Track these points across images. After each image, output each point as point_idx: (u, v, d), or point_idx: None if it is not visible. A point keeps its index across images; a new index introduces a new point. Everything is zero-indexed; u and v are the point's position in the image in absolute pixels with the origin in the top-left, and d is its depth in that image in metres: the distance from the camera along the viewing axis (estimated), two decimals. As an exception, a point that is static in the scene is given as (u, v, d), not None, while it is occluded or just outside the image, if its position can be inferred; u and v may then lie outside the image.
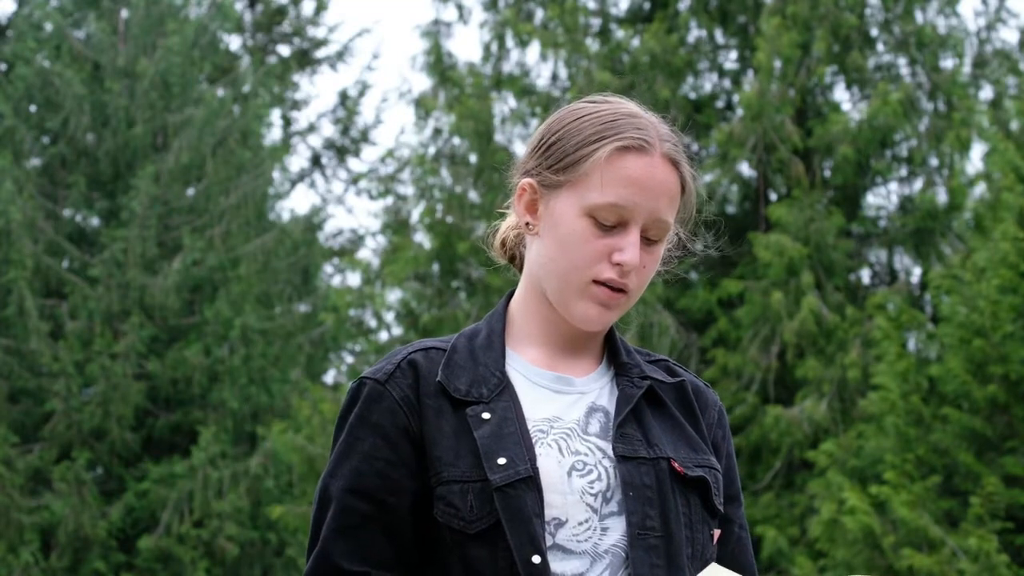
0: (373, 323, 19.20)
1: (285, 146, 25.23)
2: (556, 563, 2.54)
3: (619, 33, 17.86)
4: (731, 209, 17.69)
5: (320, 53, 27.11)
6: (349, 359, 23.41)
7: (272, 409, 20.56)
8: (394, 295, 18.35)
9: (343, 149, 26.97)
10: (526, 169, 2.70)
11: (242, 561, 19.96)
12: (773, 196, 17.35)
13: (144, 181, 20.51)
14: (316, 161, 26.95)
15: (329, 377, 23.31)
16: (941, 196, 16.98)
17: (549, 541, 2.55)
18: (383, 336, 18.98)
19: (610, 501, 2.57)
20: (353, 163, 27.08)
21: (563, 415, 2.62)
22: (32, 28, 22.30)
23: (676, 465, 2.60)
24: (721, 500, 2.65)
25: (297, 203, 44.83)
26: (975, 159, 25.45)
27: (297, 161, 26.82)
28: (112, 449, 20.12)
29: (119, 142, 21.24)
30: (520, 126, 17.77)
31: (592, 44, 17.87)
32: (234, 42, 25.77)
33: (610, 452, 2.60)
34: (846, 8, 16.93)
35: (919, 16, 17.33)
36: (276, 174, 23.27)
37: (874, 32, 17.36)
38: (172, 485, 19.80)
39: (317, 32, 27.19)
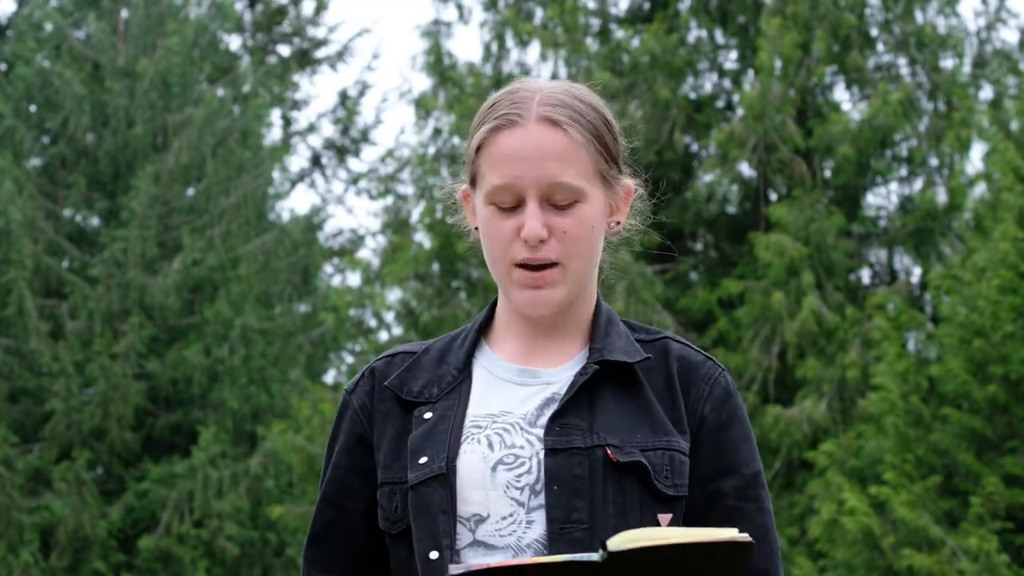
0: (373, 323, 19.21)
1: (285, 146, 25.22)
2: (478, 559, 2.52)
3: (619, 33, 17.86)
4: (731, 209, 17.70)
5: (320, 53, 27.10)
6: (349, 359, 23.41)
7: (272, 409, 20.56)
8: (394, 295, 18.36)
9: (343, 149, 26.97)
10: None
11: (242, 561, 19.96)
12: (773, 196, 17.36)
13: (144, 181, 20.50)
14: (316, 161, 26.95)
15: (329, 377, 23.31)
16: (941, 196, 16.98)
17: (469, 538, 2.53)
18: (383, 336, 18.98)
19: (539, 494, 2.52)
20: (353, 163, 27.09)
21: (515, 408, 2.58)
22: (32, 28, 22.29)
23: (610, 452, 2.52)
24: (676, 482, 2.54)
25: (297, 203, 44.87)
26: (975, 159, 25.46)
27: (297, 161, 26.84)
28: (112, 449, 20.11)
29: (119, 142, 21.23)
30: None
31: (592, 44, 17.87)
32: (234, 42, 25.77)
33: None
34: (846, 8, 16.94)
35: (919, 16, 17.33)
36: (276, 174, 23.26)
37: (874, 32, 17.36)
38: (172, 485, 19.79)
39: (317, 32, 27.20)
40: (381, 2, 41.56)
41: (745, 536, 2.31)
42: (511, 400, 2.60)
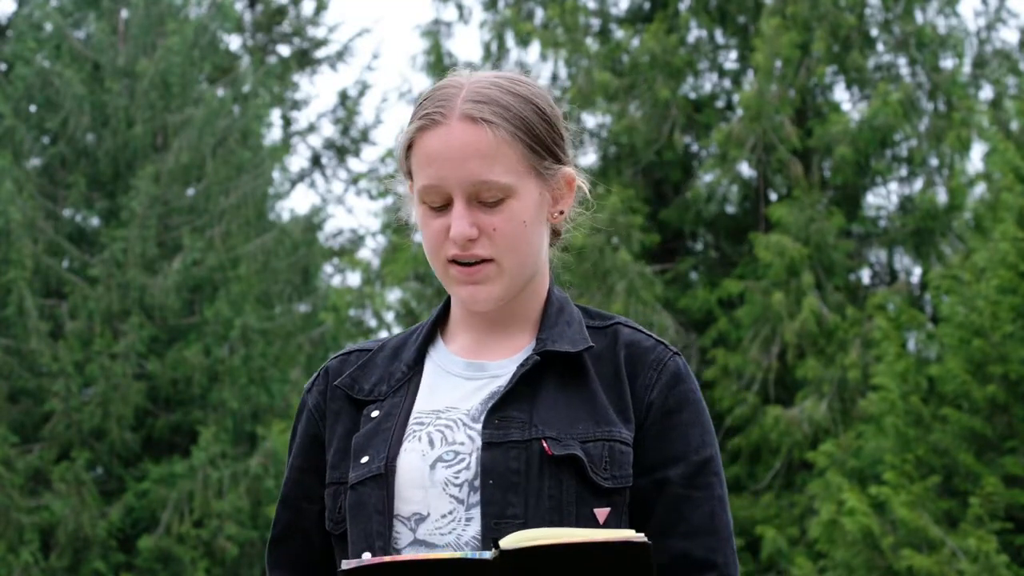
0: (373, 323, 19.19)
1: (285, 146, 25.22)
2: None
3: (619, 33, 17.85)
4: (731, 209, 17.70)
5: (320, 53, 27.10)
6: (349, 359, 23.36)
7: (272, 409, 20.55)
8: (394, 295, 18.36)
9: (343, 149, 26.96)
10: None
11: (242, 561, 19.95)
12: (773, 196, 17.36)
13: (144, 181, 20.50)
14: (316, 161, 26.94)
15: (329, 377, 23.25)
16: (941, 196, 16.98)
17: (410, 537, 2.50)
18: (383, 336, 18.94)
19: (478, 491, 2.49)
20: (353, 163, 27.08)
21: (460, 404, 2.56)
22: (32, 28, 22.28)
23: (546, 445, 2.48)
24: (615, 473, 2.49)
25: (297, 203, 44.87)
26: (975, 159, 25.45)
27: (297, 161, 26.83)
28: (112, 449, 20.11)
29: (119, 142, 21.23)
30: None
31: (592, 44, 17.87)
32: (234, 42, 25.77)
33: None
34: (846, 8, 16.93)
35: (919, 16, 17.33)
36: (276, 174, 23.25)
37: (874, 32, 17.36)
38: (172, 485, 19.79)
39: (317, 32, 27.20)
40: (381, 2, 41.57)
41: (640, 537, 2.27)
42: (457, 395, 2.57)
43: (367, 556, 2.47)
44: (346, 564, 2.33)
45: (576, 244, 2.77)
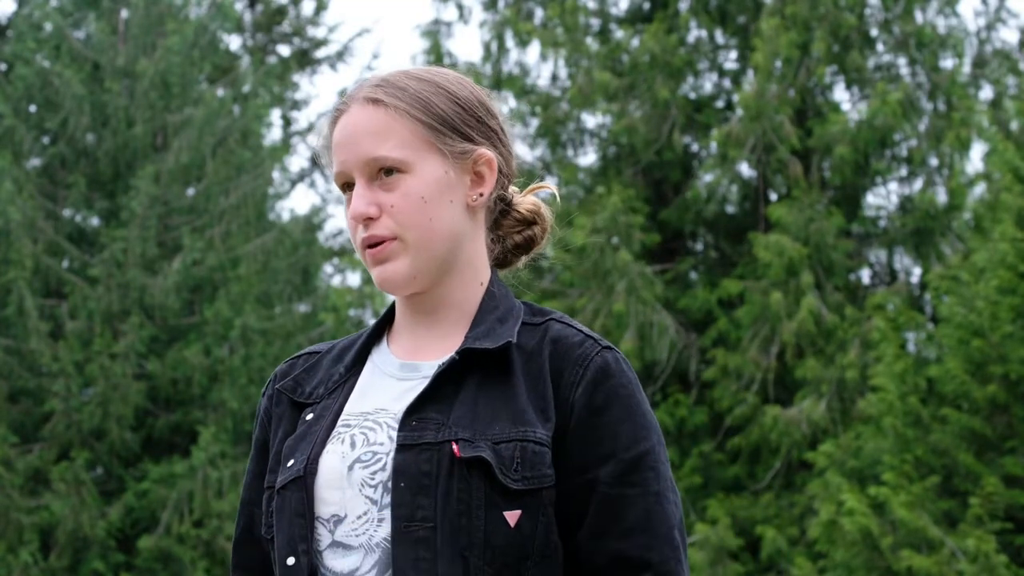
0: (373, 323, 19.15)
1: (285, 146, 25.22)
2: (336, 560, 2.47)
3: (619, 33, 17.86)
4: (731, 209, 17.70)
5: (320, 53, 27.11)
6: (349, 359, 23.35)
7: (272, 409, 20.53)
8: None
9: (343, 149, 26.96)
10: None
11: (242, 561, 19.93)
12: (773, 196, 17.36)
13: (144, 181, 20.50)
14: (316, 161, 26.95)
15: (329, 377, 23.25)
16: (941, 196, 16.99)
17: (328, 539, 2.48)
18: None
19: (391, 492, 2.45)
20: (353, 163, 27.07)
21: (390, 405, 2.52)
22: (32, 28, 22.28)
23: (456, 447, 2.43)
24: (526, 475, 2.42)
25: (297, 203, 44.91)
26: (975, 159, 25.47)
27: (297, 161, 26.84)
28: (112, 449, 20.10)
29: (119, 142, 21.23)
30: (520, 126, 17.80)
31: (592, 44, 17.87)
32: (234, 42, 25.78)
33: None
34: (846, 8, 16.94)
35: (919, 16, 17.34)
36: (276, 174, 23.25)
37: (874, 32, 17.37)
38: (172, 485, 19.78)
39: (317, 32, 27.21)
40: (381, 2, 41.58)
41: None
42: (387, 396, 2.54)
43: (291, 560, 2.47)
44: None
45: (576, 244, 2.76)
